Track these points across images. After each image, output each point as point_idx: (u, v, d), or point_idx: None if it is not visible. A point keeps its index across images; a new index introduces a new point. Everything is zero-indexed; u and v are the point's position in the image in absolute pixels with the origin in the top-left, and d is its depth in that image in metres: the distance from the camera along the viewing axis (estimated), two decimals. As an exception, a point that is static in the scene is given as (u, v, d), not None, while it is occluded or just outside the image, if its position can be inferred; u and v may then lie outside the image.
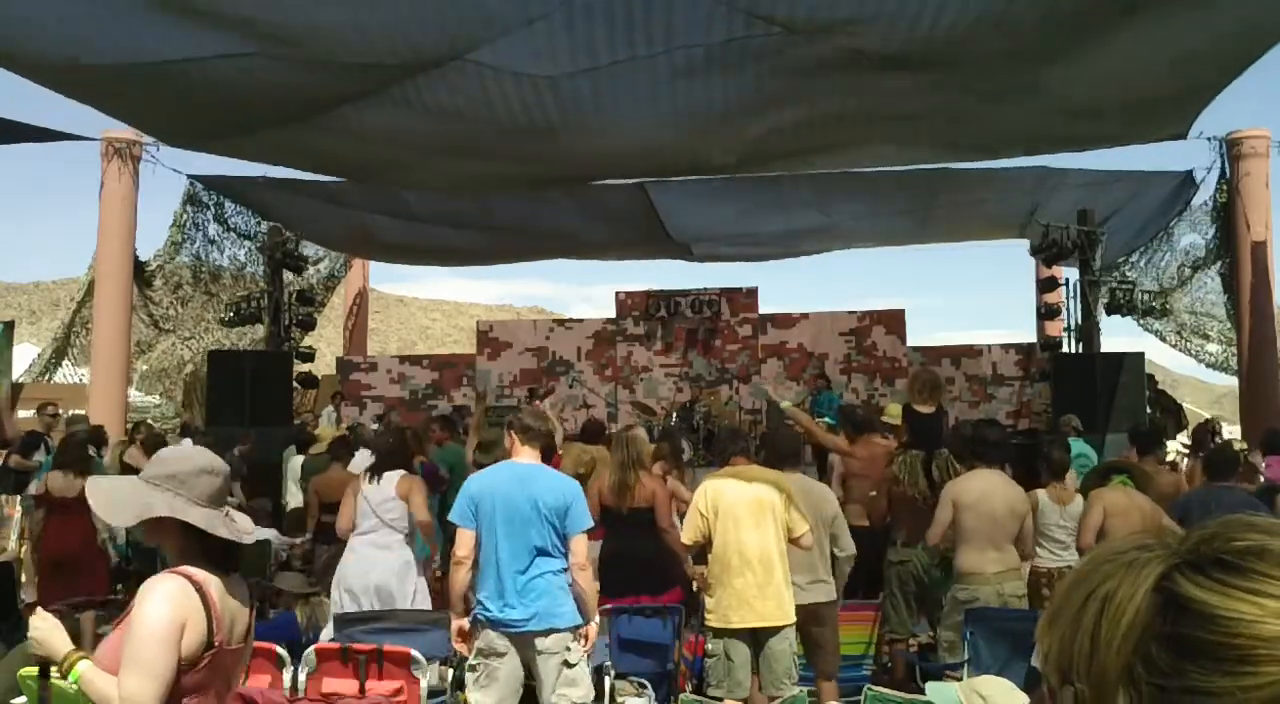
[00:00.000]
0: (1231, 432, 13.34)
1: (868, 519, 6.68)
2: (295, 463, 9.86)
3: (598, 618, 4.54)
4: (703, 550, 4.99)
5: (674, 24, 6.53)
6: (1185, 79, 7.95)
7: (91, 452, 8.99)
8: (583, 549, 4.32)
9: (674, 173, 11.18)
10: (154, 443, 9.87)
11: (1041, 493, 6.18)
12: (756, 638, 4.79)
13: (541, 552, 4.24)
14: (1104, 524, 5.44)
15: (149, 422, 11.40)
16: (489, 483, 4.37)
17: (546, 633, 4.19)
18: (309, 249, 15.37)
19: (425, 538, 6.11)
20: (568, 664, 4.22)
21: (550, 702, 4.20)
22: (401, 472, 5.99)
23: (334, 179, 12.05)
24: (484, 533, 4.26)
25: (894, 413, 7.68)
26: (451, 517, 4.42)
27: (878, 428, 7.34)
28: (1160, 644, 0.68)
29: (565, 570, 4.33)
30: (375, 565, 5.80)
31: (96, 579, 7.18)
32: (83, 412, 12.04)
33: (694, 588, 5.26)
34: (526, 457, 4.44)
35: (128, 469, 9.28)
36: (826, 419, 9.70)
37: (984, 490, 5.27)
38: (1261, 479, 7.78)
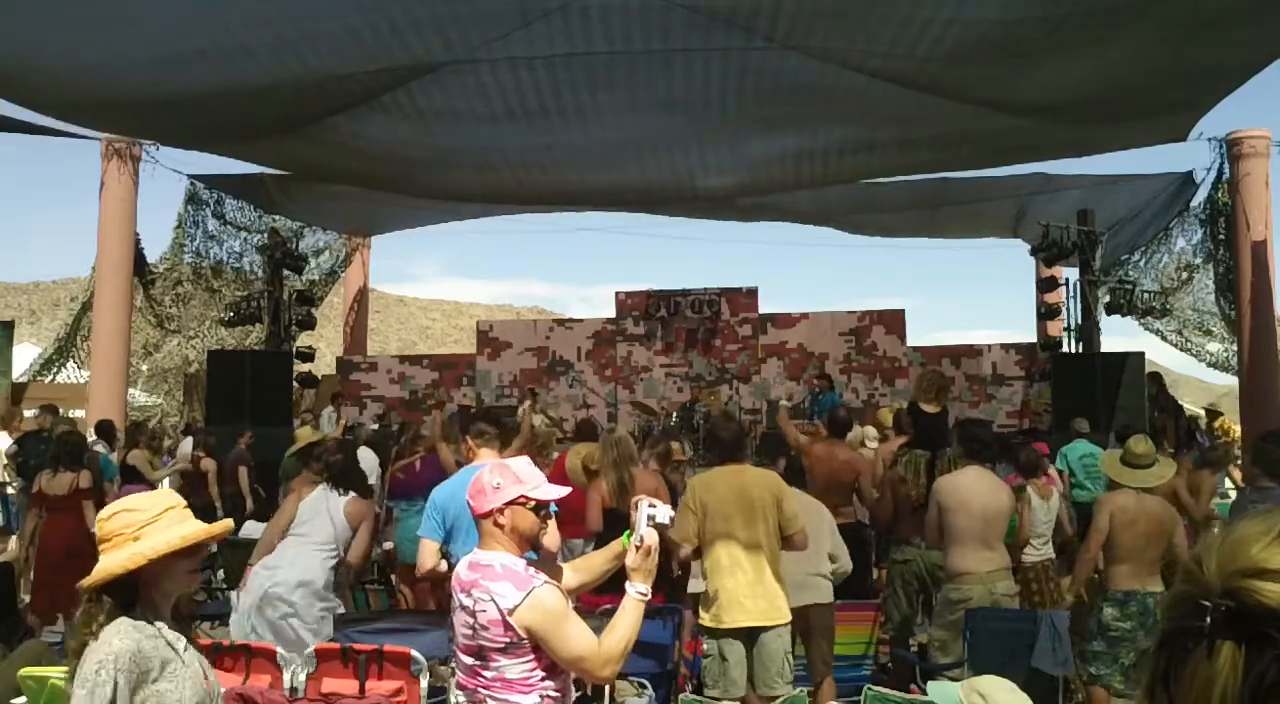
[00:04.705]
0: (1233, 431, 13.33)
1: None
2: (290, 463, 9.85)
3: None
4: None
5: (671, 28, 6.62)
6: (1186, 88, 7.96)
7: (102, 449, 8.99)
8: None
9: (670, 187, 11.15)
10: (155, 443, 9.89)
11: (1030, 490, 6.20)
12: (751, 637, 4.78)
13: None
14: (1111, 532, 5.09)
15: (147, 422, 11.37)
16: (451, 490, 4.35)
17: None
18: (308, 245, 15.36)
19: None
20: None
21: None
22: (351, 495, 5.31)
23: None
24: (454, 542, 4.27)
25: (884, 419, 7.78)
26: (419, 529, 4.39)
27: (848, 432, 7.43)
28: None
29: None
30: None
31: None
32: (80, 413, 12.04)
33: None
34: (483, 459, 4.45)
35: (129, 470, 9.28)
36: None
37: (972, 489, 5.22)
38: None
